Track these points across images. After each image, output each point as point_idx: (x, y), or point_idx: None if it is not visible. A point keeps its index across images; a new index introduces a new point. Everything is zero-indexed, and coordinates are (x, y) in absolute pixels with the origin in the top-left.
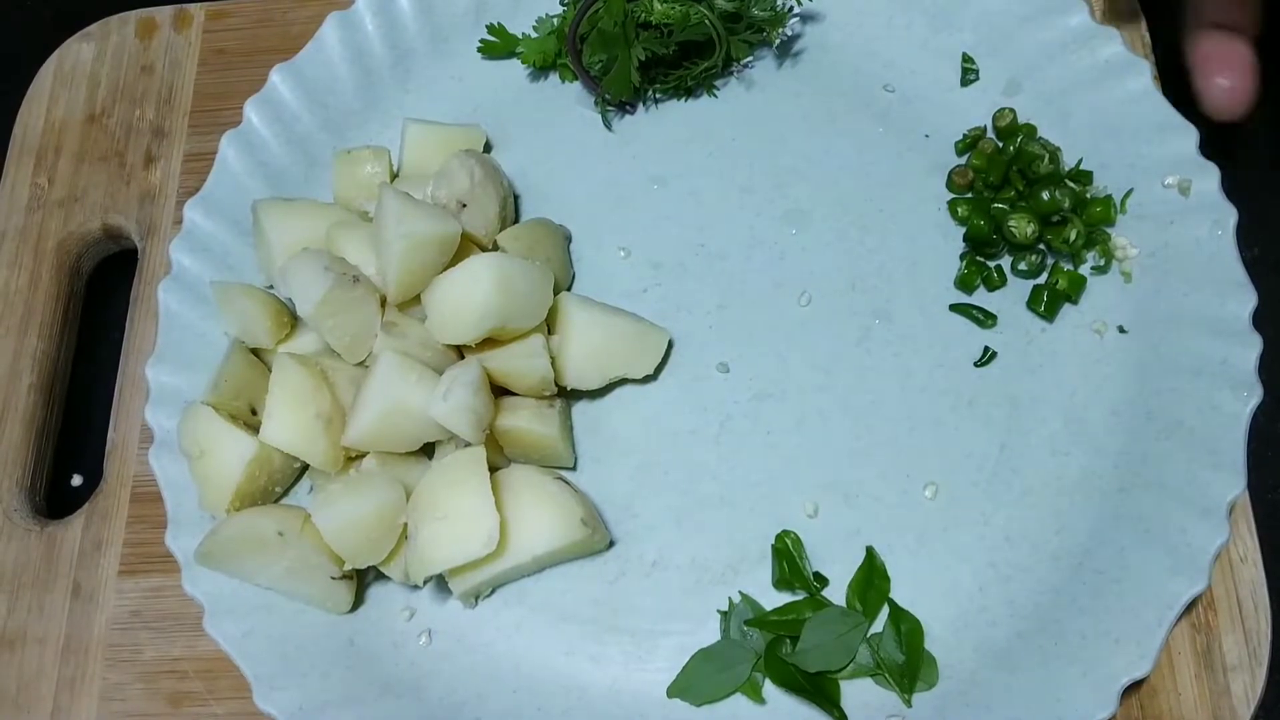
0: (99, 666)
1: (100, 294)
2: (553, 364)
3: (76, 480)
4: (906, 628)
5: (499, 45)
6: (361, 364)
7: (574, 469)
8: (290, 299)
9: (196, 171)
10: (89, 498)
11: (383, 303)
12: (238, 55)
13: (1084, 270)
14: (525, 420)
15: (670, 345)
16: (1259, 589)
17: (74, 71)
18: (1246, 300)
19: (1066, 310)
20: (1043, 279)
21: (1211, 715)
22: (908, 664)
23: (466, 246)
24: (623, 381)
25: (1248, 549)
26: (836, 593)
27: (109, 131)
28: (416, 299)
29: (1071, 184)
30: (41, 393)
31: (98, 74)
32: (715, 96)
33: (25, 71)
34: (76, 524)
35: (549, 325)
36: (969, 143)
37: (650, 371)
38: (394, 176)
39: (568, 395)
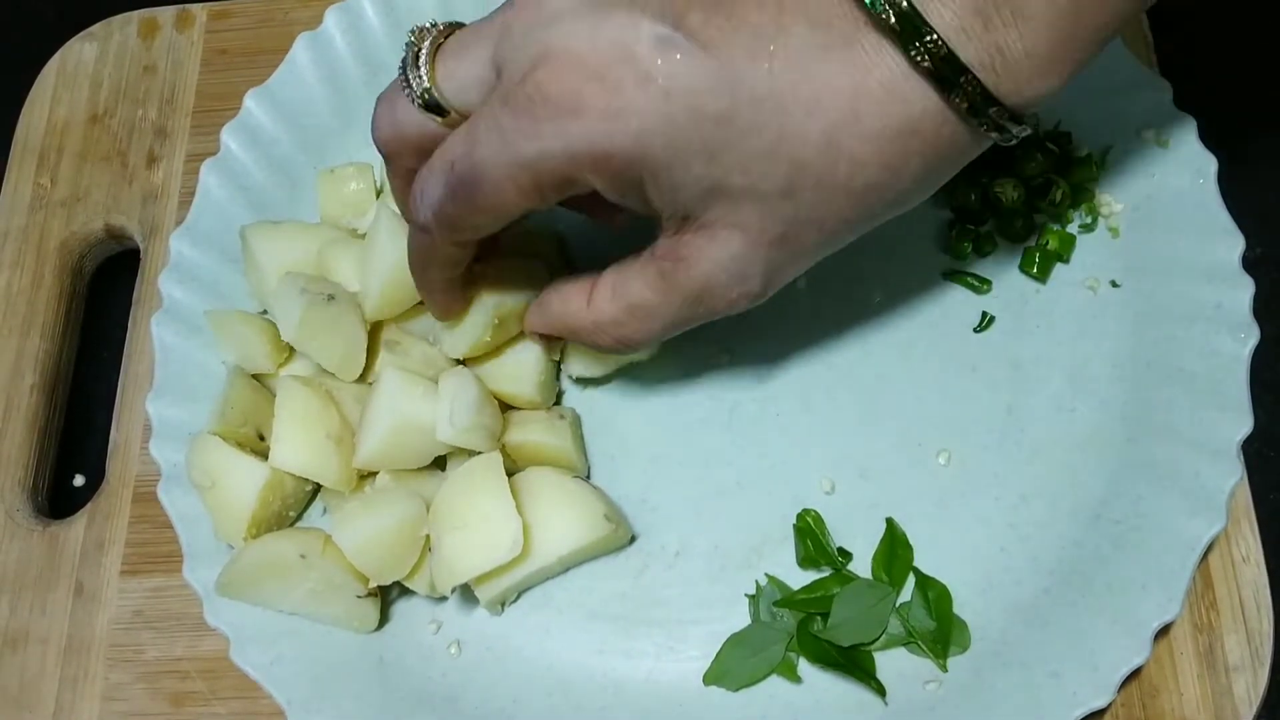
0: (101, 666)
1: (102, 294)
2: (558, 364)
3: (79, 480)
4: (934, 594)
5: None
6: (363, 379)
7: (588, 478)
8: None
9: (199, 172)
10: (91, 498)
11: (379, 321)
12: (240, 55)
13: (1072, 229)
14: (537, 434)
15: None
16: (1261, 589)
17: (76, 72)
18: (1234, 244)
19: (1059, 270)
20: (1032, 241)
21: (1214, 715)
22: (939, 630)
23: None
24: (631, 372)
25: (1250, 549)
26: (861, 566)
27: (111, 132)
28: (414, 314)
29: (1051, 146)
30: (44, 393)
31: (100, 74)
32: None
33: (27, 72)
34: (79, 524)
35: None
36: None
37: (654, 350)
38: (378, 192)
39: (579, 382)
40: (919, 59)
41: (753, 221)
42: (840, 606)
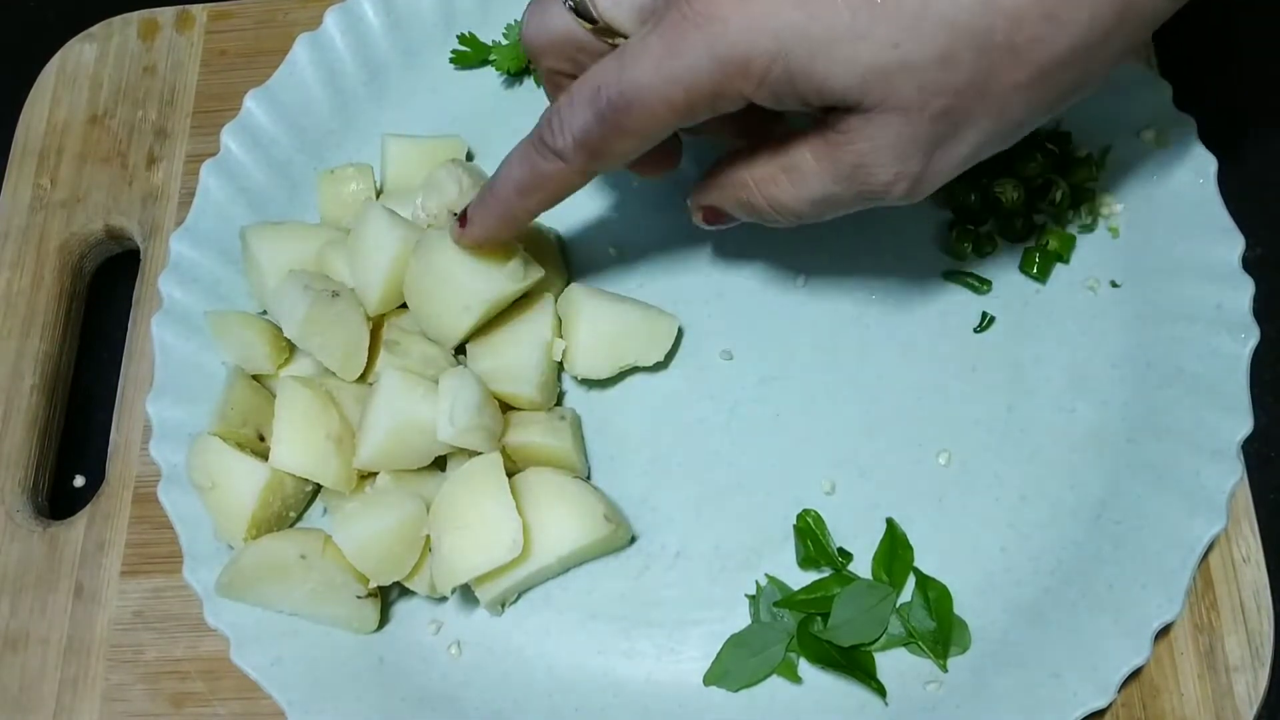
0: (101, 667)
1: (103, 294)
2: (559, 366)
3: (79, 481)
4: (934, 595)
5: (471, 54)
6: (363, 379)
7: (588, 479)
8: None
9: (199, 173)
10: (91, 498)
11: (380, 322)
12: (240, 56)
13: (1072, 229)
14: (537, 435)
15: (680, 332)
16: (1261, 590)
17: (76, 72)
18: (1234, 244)
19: (1059, 270)
20: (1032, 241)
21: (1214, 716)
22: (939, 630)
23: None
24: (632, 373)
25: (1250, 549)
26: (861, 567)
27: (111, 132)
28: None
29: (1051, 146)
30: (44, 394)
31: (100, 75)
32: None
33: (27, 72)
34: (79, 524)
35: (559, 319)
36: None
37: (660, 358)
38: (379, 193)
39: (581, 383)
40: None
41: (911, 97)
42: (841, 607)
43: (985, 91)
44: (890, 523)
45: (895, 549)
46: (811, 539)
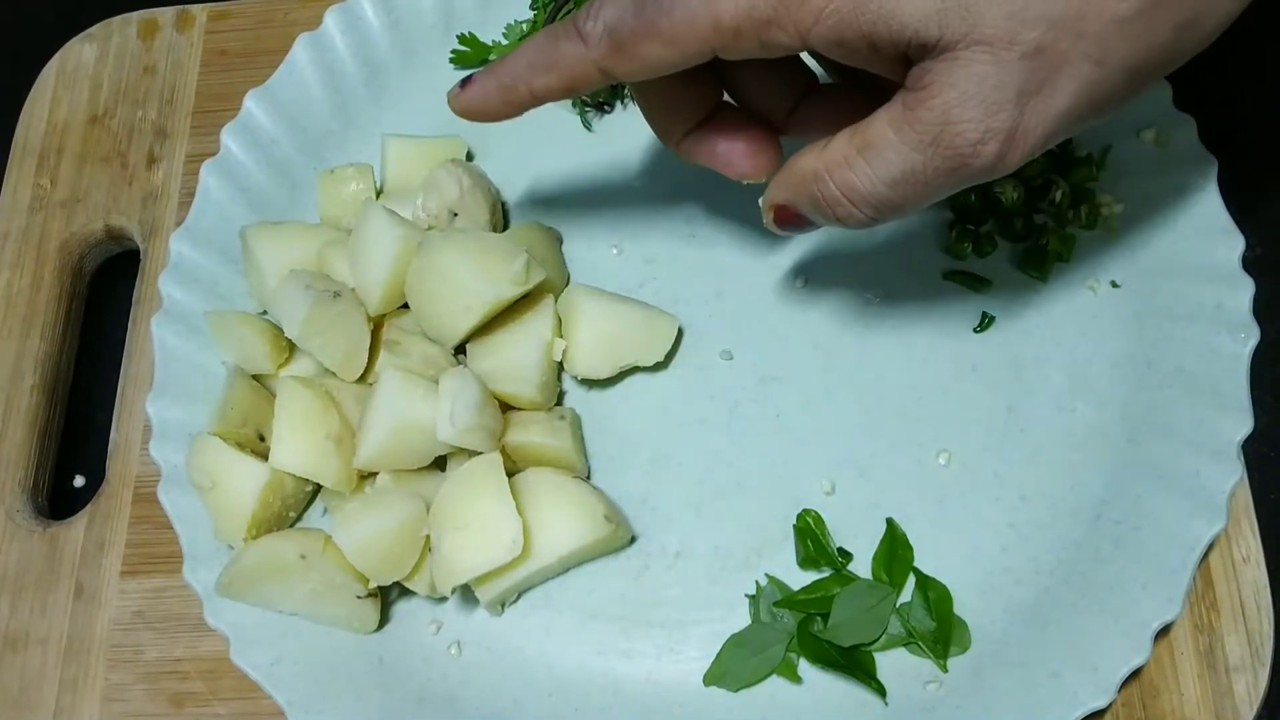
0: (101, 667)
1: (103, 294)
2: (559, 366)
3: (79, 481)
4: (934, 595)
5: (471, 54)
6: (363, 380)
7: (588, 479)
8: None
9: (199, 173)
10: (91, 498)
11: (380, 322)
12: (240, 56)
13: (1072, 229)
14: (537, 435)
15: (680, 333)
16: (1261, 590)
17: (76, 72)
18: (1234, 244)
19: (1059, 269)
20: (1032, 241)
21: (1214, 715)
22: (939, 630)
23: None
24: (632, 373)
25: (1250, 549)
26: (861, 567)
27: (111, 132)
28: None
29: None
30: (44, 393)
31: (100, 75)
32: None
33: (27, 72)
34: (79, 524)
35: (559, 319)
36: None
37: (661, 359)
38: (379, 193)
39: (581, 383)
40: None
41: (998, 29)
42: (841, 607)
43: (1083, 26)
44: (890, 523)
45: (895, 549)
46: (811, 539)
